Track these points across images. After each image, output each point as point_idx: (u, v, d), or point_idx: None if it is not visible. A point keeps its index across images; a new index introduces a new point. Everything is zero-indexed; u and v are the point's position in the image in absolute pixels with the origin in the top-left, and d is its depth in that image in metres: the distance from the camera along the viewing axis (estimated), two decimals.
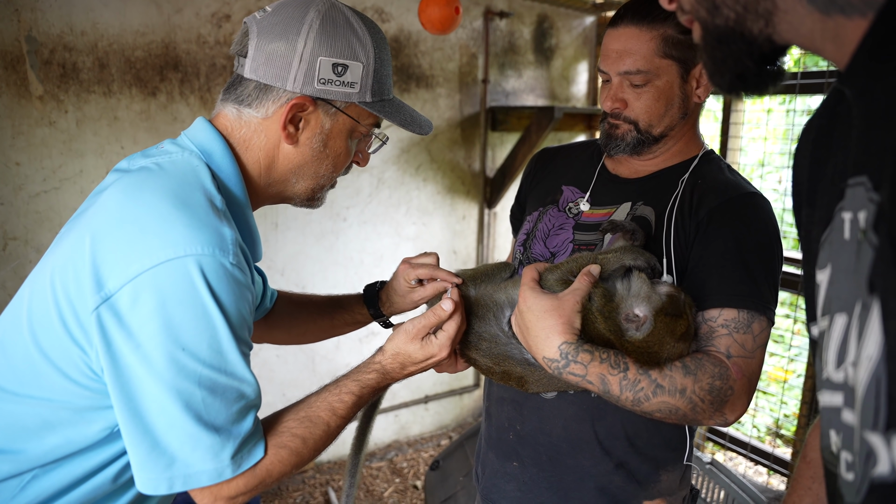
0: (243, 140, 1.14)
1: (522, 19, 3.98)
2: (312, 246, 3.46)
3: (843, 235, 0.60)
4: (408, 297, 1.44)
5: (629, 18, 1.30)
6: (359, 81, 1.11)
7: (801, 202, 0.78)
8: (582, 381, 1.14)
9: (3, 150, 2.53)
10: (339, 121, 1.14)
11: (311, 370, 3.52)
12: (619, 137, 1.36)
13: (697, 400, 1.14)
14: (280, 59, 1.08)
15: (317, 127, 1.13)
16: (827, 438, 0.65)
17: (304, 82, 1.08)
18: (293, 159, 1.15)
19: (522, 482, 1.42)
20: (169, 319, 0.93)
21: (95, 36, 2.67)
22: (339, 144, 1.17)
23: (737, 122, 3.45)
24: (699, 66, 1.30)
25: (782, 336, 3.68)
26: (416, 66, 3.63)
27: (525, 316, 1.17)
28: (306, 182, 1.19)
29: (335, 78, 1.09)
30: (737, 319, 1.19)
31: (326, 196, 1.26)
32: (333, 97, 1.11)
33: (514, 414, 1.43)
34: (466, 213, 4.03)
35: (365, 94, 1.13)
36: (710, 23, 0.68)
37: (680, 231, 1.28)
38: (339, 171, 1.22)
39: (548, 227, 1.45)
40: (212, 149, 1.11)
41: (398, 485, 3.65)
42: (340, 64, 1.09)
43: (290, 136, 1.12)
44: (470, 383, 4.25)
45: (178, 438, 0.95)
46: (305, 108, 1.10)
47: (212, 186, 1.05)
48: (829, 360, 0.62)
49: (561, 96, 4.25)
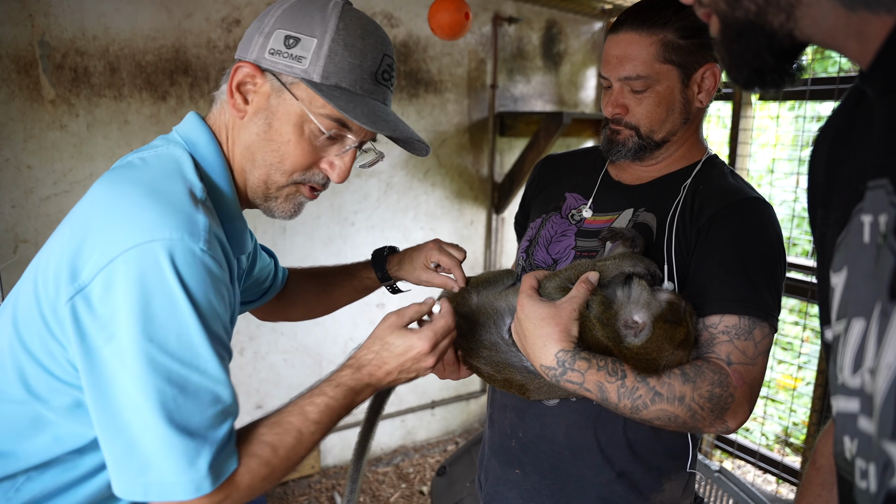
0: (225, 128, 1.11)
1: (531, 25, 3.99)
2: (321, 251, 3.46)
3: (861, 239, 0.59)
4: (418, 271, 1.46)
5: (629, 24, 1.30)
6: (307, 56, 1.03)
7: (817, 203, 0.77)
8: (580, 389, 1.13)
9: (15, 154, 2.56)
10: (284, 100, 1.05)
11: (317, 374, 3.53)
12: (620, 143, 1.35)
13: (697, 407, 1.13)
14: (250, 34, 1.07)
15: (263, 102, 1.06)
16: (841, 444, 0.64)
17: (258, 53, 1.05)
18: (244, 138, 1.09)
19: (524, 490, 1.41)
20: (138, 308, 0.88)
21: (107, 40, 2.69)
22: (285, 129, 1.06)
23: (746, 129, 3.43)
24: (700, 72, 1.30)
25: (791, 343, 3.66)
26: (425, 71, 3.63)
27: (523, 324, 1.17)
28: (258, 171, 1.10)
29: (284, 49, 1.03)
30: (738, 326, 1.18)
31: (297, 206, 1.16)
32: (279, 70, 1.04)
33: (516, 421, 1.42)
34: (474, 219, 4.02)
35: (311, 72, 1.03)
36: (730, 15, 0.66)
37: (681, 237, 1.28)
38: (292, 167, 1.09)
39: (550, 233, 1.45)
40: (196, 139, 1.08)
41: (404, 490, 3.65)
42: (292, 36, 1.03)
43: (238, 107, 1.07)
44: (477, 389, 4.23)
45: (151, 442, 0.89)
46: (254, 79, 1.06)
47: (193, 176, 1.01)
48: (845, 365, 0.61)
49: (569, 102, 4.24)
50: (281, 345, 3.42)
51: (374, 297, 3.67)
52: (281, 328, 3.40)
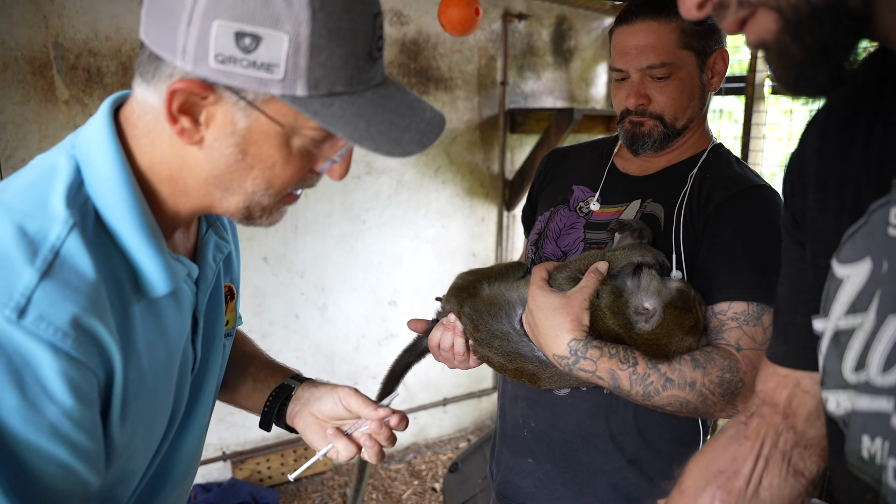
0: (147, 131, 0.79)
1: (541, 21, 3.98)
2: (332, 248, 3.48)
3: (892, 232, 0.58)
4: (311, 421, 1.14)
5: (645, 13, 1.30)
6: (280, 63, 0.70)
7: (806, 186, 0.75)
8: (592, 377, 1.15)
9: (30, 154, 2.58)
10: (259, 120, 0.75)
11: (330, 372, 3.54)
12: (645, 135, 1.35)
13: (708, 393, 1.15)
14: (165, 12, 0.71)
15: (226, 125, 0.75)
16: (857, 444, 0.62)
17: (196, 58, 0.70)
18: (205, 167, 0.79)
19: (537, 478, 1.43)
20: None
21: (119, 41, 2.71)
22: (267, 153, 0.77)
23: (758, 124, 3.40)
24: (713, 56, 1.32)
25: None
26: (435, 68, 3.64)
27: (535, 314, 1.19)
28: (235, 198, 0.82)
29: (240, 55, 0.69)
30: (746, 312, 1.19)
31: (281, 213, 0.88)
32: (240, 84, 0.71)
33: (528, 411, 1.44)
34: (485, 216, 4.02)
35: (294, 85, 0.71)
36: (804, 3, 0.57)
37: (689, 227, 1.29)
38: (282, 187, 0.82)
39: (559, 226, 1.46)
40: (92, 146, 0.79)
41: (416, 487, 3.66)
42: (247, 33, 0.69)
43: (186, 132, 0.75)
44: (489, 386, 4.24)
45: None
46: (202, 95, 0.73)
47: (59, 203, 0.74)
48: (873, 363, 0.59)
49: (580, 98, 4.23)
50: (293, 343, 3.44)
51: (385, 294, 3.69)
52: (293, 326, 3.42)
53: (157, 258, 0.81)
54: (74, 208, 0.75)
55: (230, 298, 1.09)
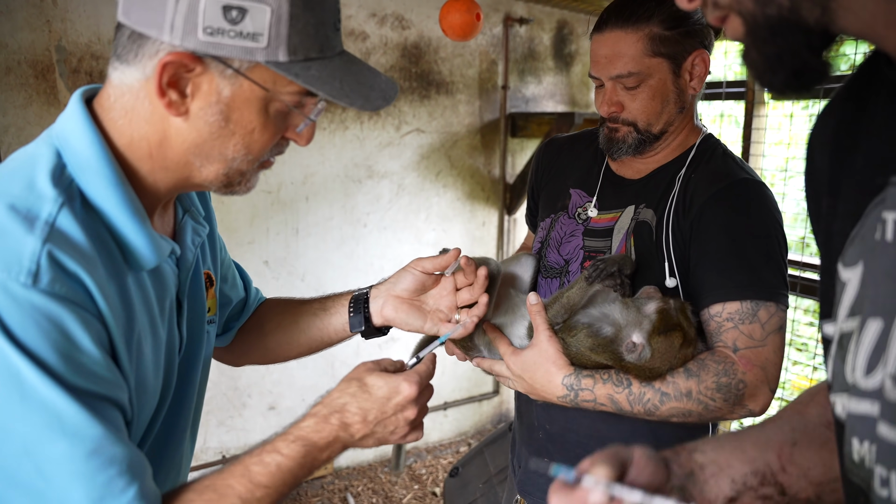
0: (125, 111, 0.85)
1: (542, 25, 3.99)
2: (333, 252, 3.48)
3: (884, 236, 0.58)
4: (407, 309, 1.21)
5: (613, 22, 1.30)
6: (265, 32, 0.79)
7: (820, 192, 0.74)
8: (595, 406, 1.20)
9: None
10: (242, 87, 0.83)
11: (330, 375, 3.54)
12: (620, 140, 1.36)
13: (707, 400, 1.16)
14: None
15: (211, 94, 0.82)
16: (849, 445, 0.62)
17: (185, 32, 0.77)
18: (187, 137, 0.85)
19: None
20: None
21: None
22: (248, 118, 0.85)
23: (759, 128, 3.41)
24: (689, 59, 1.30)
25: (805, 344, 3.62)
26: (437, 72, 3.64)
27: (524, 379, 1.24)
28: (214, 165, 0.88)
29: (227, 27, 0.77)
30: (740, 311, 1.20)
31: (256, 179, 0.95)
32: (227, 54, 0.79)
33: (542, 414, 1.46)
34: (486, 220, 4.03)
35: (276, 51, 0.80)
36: (760, 14, 0.61)
37: (677, 232, 1.29)
38: (259, 153, 0.90)
39: (560, 234, 1.48)
40: (69, 133, 0.84)
41: (417, 491, 3.65)
42: (234, 6, 0.77)
43: (174, 104, 0.82)
44: (489, 390, 4.23)
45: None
46: (190, 67, 0.80)
47: (45, 183, 0.79)
48: (858, 366, 0.60)
49: (581, 102, 4.24)
50: None
51: None
52: None
53: (143, 232, 0.86)
54: (61, 188, 0.80)
55: (210, 285, 1.13)
